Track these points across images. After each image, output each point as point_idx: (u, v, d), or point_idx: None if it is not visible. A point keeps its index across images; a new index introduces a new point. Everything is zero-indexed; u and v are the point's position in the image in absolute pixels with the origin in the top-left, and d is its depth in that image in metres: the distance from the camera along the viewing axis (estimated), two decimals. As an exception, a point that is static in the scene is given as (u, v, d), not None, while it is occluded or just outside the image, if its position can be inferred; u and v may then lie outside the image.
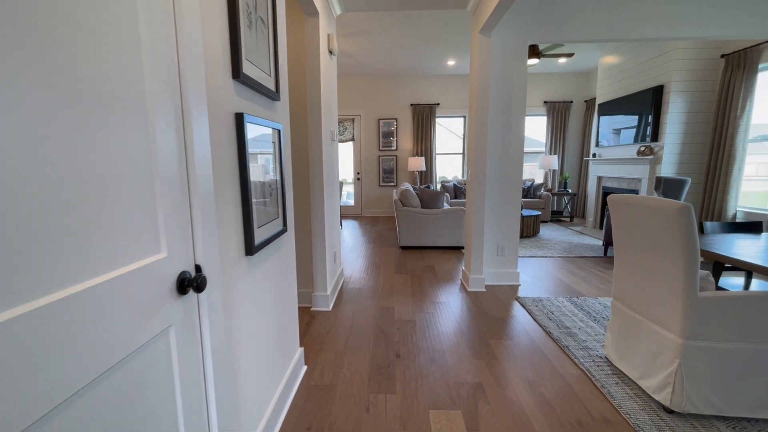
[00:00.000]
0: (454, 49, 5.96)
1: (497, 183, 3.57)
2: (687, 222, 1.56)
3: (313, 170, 2.83)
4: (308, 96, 2.73)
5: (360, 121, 8.13)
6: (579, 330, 2.61)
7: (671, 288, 1.67)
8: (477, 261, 3.45)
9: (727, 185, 4.77)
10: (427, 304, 3.13)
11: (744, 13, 3.35)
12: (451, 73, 7.72)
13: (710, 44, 4.93)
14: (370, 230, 6.55)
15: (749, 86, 4.52)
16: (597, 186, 6.77)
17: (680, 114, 5.10)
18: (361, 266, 4.28)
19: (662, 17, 3.34)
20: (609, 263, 4.43)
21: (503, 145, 3.53)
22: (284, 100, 1.72)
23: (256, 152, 1.37)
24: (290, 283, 1.88)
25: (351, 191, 8.64)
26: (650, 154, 5.37)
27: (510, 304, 3.13)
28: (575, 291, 3.45)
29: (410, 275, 3.93)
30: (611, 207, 2.04)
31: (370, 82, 7.97)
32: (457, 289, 3.52)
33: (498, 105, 3.48)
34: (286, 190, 1.78)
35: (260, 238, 1.38)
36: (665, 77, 5.14)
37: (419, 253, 4.88)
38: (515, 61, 3.43)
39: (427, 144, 8.04)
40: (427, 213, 5.02)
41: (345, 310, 2.98)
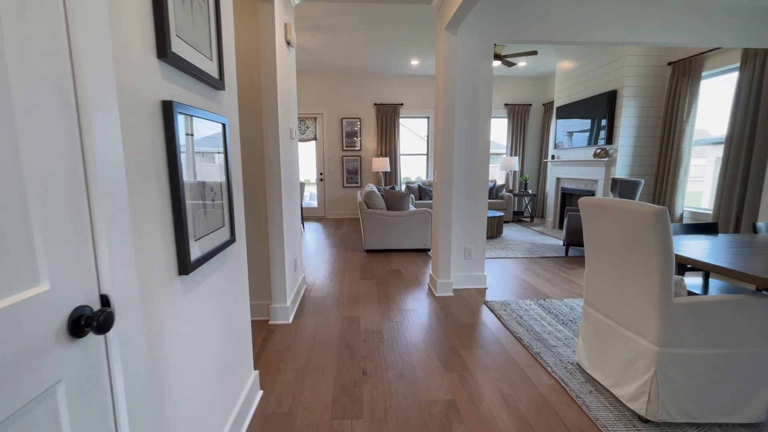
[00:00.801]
0: (417, 48, 5.88)
1: (464, 184, 3.50)
2: (663, 226, 1.51)
3: (269, 171, 2.58)
4: (263, 89, 2.48)
5: (322, 120, 7.87)
6: (549, 335, 2.57)
7: (646, 294, 1.62)
8: (445, 265, 3.35)
9: (675, 186, 5.02)
10: (395, 311, 2.98)
11: (692, 21, 3.49)
12: (415, 73, 7.66)
13: (658, 52, 5.18)
14: (334, 233, 6.32)
15: (694, 93, 4.78)
16: (556, 187, 6.95)
17: (632, 118, 5.32)
18: (325, 272, 4.06)
19: (618, 22, 3.41)
20: (571, 263, 4.51)
21: (469, 146, 3.46)
22: (231, 91, 1.50)
23: (195, 150, 1.14)
24: (241, 301, 1.65)
25: (314, 192, 8.35)
26: (606, 156, 5.56)
27: (479, 309, 3.05)
28: (541, 293, 3.44)
29: (376, 280, 3.77)
30: (582, 210, 1.99)
31: (332, 80, 7.73)
32: (424, 294, 3.40)
33: (464, 105, 3.40)
34: (235, 194, 1.55)
35: (199, 253, 1.15)
36: (618, 83, 5.33)
37: (385, 257, 4.73)
38: (481, 60, 3.37)
39: (392, 144, 7.92)
40: (393, 215, 4.88)
41: (307, 322, 2.76)
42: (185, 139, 1.07)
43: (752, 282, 1.49)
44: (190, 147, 1.11)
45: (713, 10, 3.48)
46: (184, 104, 1.05)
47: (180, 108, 1.01)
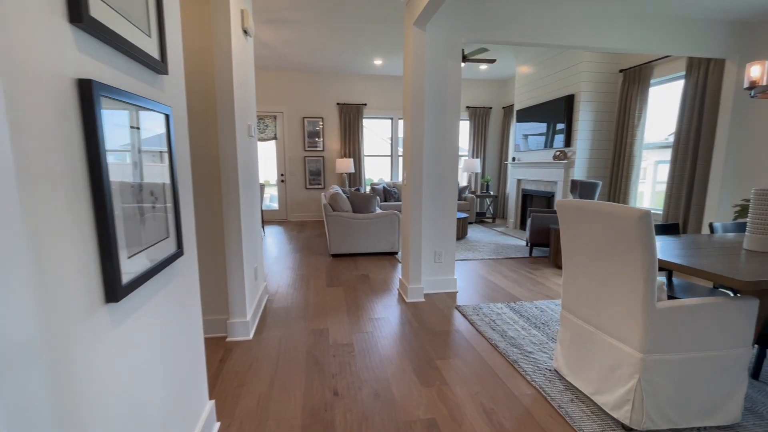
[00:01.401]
0: (381, 48, 5.75)
1: (433, 186, 3.40)
2: (647, 230, 1.47)
3: (225, 171, 2.33)
4: (217, 80, 2.23)
5: (283, 119, 7.53)
6: (523, 340, 2.51)
7: (629, 299, 1.58)
8: (415, 270, 3.23)
9: (628, 188, 5.26)
10: (365, 321, 2.81)
11: (647, 29, 3.63)
12: (379, 74, 7.54)
13: (611, 59, 5.41)
14: (297, 236, 6.04)
15: (643, 99, 5.03)
16: (517, 188, 7.10)
17: (589, 122, 5.51)
18: (288, 279, 3.81)
19: (581, 27, 3.47)
20: (536, 264, 4.56)
21: (438, 147, 3.37)
22: (177, 76, 1.26)
23: (130, 144, 0.92)
24: (192, 324, 1.41)
25: (275, 194, 7.98)
26: (564, 158, 5.73)
27: (451, 314, 2.96)
28: (511, 296, 3.41)
29: (344, 287, 3.58)
30: (560, 212, 1.93)
31: (292, 78, 7.42)
32: (395, 300, 3.26)
33: (433, 104, 3.31)
34: (182, 198, 1.32)
35: (134, 272, 0.93)
36: (575, 87, 5.51)
37: (352, 261, 4.54)
38: (449, 59, 3.29)
39: (355, 145, 7.75)
40: (360, 218, 4.70)
41: (270, 337, 2.52)
42: (115, 130, 0.84)
43: (733, 285, 1.48)
44: (122, 140, 0.88)
45: (665, 19, 3.65)
46: (111, 86, 0.83)
47: (104, 90, 0.79)
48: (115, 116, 0.86)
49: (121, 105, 0.88)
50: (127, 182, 0.90)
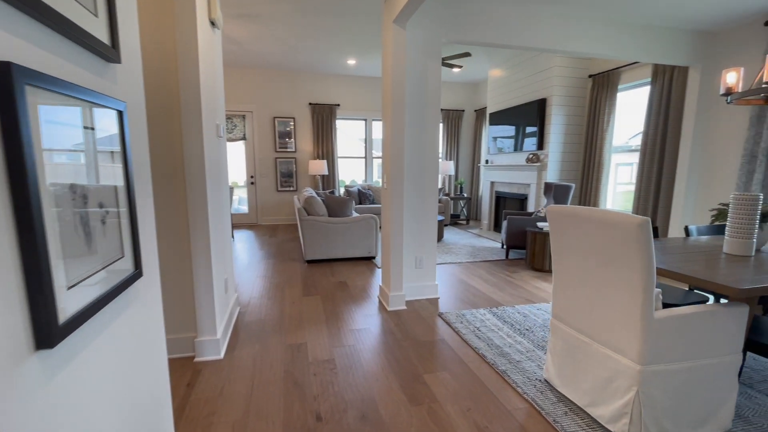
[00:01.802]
0: (355, 47, 5.61)
1: (414, 189, 3.30)
2: (647, 238, 1.42)
3: (191, 174, 2.11)
4: (182, 76, 2.01)
5: (252, 119, 7.22)
6: (510, 348, 2.45)
7: (627, 309, 1.53)
8: (397, 276, 3.11)
9: (599, 190, 5.40)
10: (346, 333, 2.65)
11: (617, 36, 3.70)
12: (352, 74, 7.39)
13: (581, 65, 5.54)
14: (269, 242, 5.77)
15: (612, 104, 5.17)
16: (490, 190, 7.16)
17: (560, 126, 5.62)
18: (261, 289, 3.58)
19: (556, 31, 3.49)
20: (513, 266, 4.57)
21: (419, 149, 3.27)
22: (132, 67, 1.07)
23: (77, 144, 0.73)
24: (154, 354, 1.22)
25: (244, 196, 7.64)
26: (537, 161, 5.81)
27: (434, 323, 2.86)
28: (492, 300, 3.37)
29: (321, 296, 3.40)
30: (551, 219, 1.87)
31: (263, 76, 7.13)
32: (375, 309, 3.12)
33: (413, 105, 3.21)
34: (141, 209, 1.13)
35: (76, 307, 0.74)
36: (547, 91, 5.60)
37: (328, 267, 4.36)
38: (429, 60, 3.21)
39: (329, 146, 7.55)
40: (336, 222, 4.54)
41: (243, 356, 2.32)
42: (52, 128, 0.66)
43: (728, 293, 1.46)
44: (62, 140, 0.70)
45: (633, 27, 3.74)
46: (41, 73, 0.64)
47: (31, 78, 0.61)
48: (52, 112, 0.67)
49: (58, 98, 0.70)
50: (67, 192, 0.72)
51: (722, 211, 2.23)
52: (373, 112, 7.81)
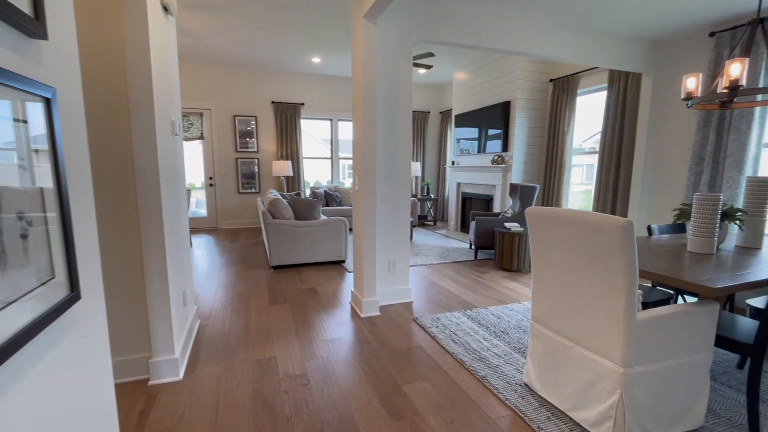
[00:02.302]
0: (320, 45, 5.44)
1: (386, 191, 3.21)
2: (630, 240, 1.41)
3: (143, 175, 1.88)
4: (129, 61, 1.79)
5: (210, 117, 6.83)
6: (487, 352, 2.42)
7: (610, 312, 1.51)
8: (370, 282, 3.00)
9: (560, 190, 5.58)
10: (318, 344, 2.51)
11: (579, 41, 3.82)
12: (317, 72, 7.19)
13: (542, 69, 5.71)
14: (231, 247, 5.45)
15: (572, 107, 5.37)
16: (456, 191, 7.23)
17: (524, 128, 5.76)
18: (224, 299, 3.34)
19: (524, 33, 3.53)
20: (483, 267, 4.60)
21: (391, 150, 3.18)
22: (63, 45, 0.89)
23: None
24: (97, 387, 1.03)
25: (202, 199, 7.21)
26: (502, 162, 5.92)
27: (410, 328, 2.78)
28: (466, 302, 3.34)
29: (290, 305, 3.22)
30: (531, 221, 1.84)
31: (221, 72, 6.76)
32: (348, 316, 2.99)
33: (384, 105, 3.12)
34: (78, 217, 0.94)
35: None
36: (511, 94, 5.72)
37: (296, 273, 4.17)
38: (400, 58, 3.13)
39: (293, 147, 7.30)
40: (303, 225, 4.35)
41: (206, 375, 2.11)
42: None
43: (703, 292, 1.48)
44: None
45: (594, 33, 3.87)
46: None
47: None
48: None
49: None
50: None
51: (684, 211, 2.32)
52: (339, 112, 7.65)
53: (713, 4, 3.32)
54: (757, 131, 3.50)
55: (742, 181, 3.57)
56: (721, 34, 3.70)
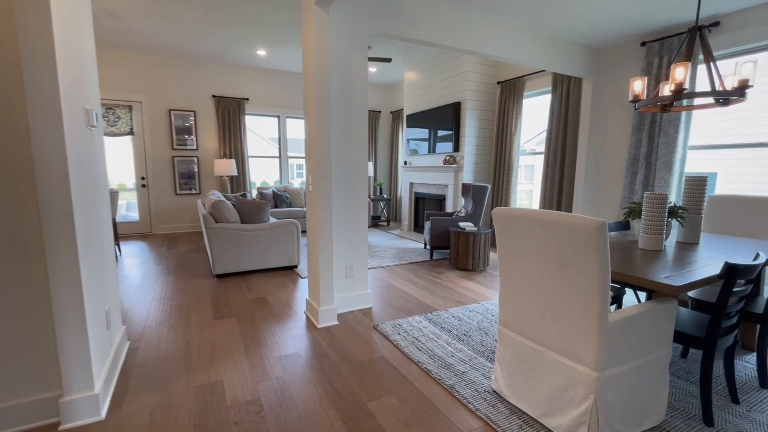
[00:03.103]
0: (266, 35, 5.10)
1: (342, 192, 3.03)
2: (603, 241, 1.38)
3: (45, 173, 1.54)
4: (22, 29, 1.44)
5: (141, 110, 6.15)
6: (452, 358, 2.33)
7: (583, 315, 1.48)
8: (327, 289, 2.80)
9: (509, 190, 5.74)
10: (271, 362, 2.26)
11: (530, 44, 3.91)
12: (263, 66, 6.78)
13: (490, 71, 5.84)
14: (168, 254, 4.93)
15: (519, 109, 5.54)
16: (409, 191, 7.21)
17: (474, 129, 5.85)
18: (159, 315, 2.95)
19: (478, 33, 3.54)
20: (439, 267, 4.58)
21: (347, 148, 3.01)
22: None
23: None
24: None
25: (134, 201, 6.49)
26: (454, 163, 5.98)
27: (371, 337, 2.62)
28: (425, 305, 3.26)
29: (237, 317, 2.91)
30: (499, 221, 1.78)
31: (153, 61, 6.12)
32: (303, 327, 2.77)
33: (339, 100, 2.93)
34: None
35: None
36: (461, 95, 5.78)
37: (243, 282, 3.83)
38: (355, 51, 2.96)
39: (238, 144, 6.82)
40: (251, 229, 4.02)
41: (135, 411, 1.79)
42: None
43: (667, 290, 1.50)
44: None
45: (542, 37, 3.99)
46: None
47: None
48: None
49: None
50: None
51: (633, 209, 2.41)
52: (287, 109, 7.29)
53: (644, 15, 3.55)
54: (683, 135, 3.81)
55: (672, 180, 3.87)
56: (651, 43, 3.98)
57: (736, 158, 4.19)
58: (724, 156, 4.52)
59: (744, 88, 2.02)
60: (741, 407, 1.90)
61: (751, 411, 1.86)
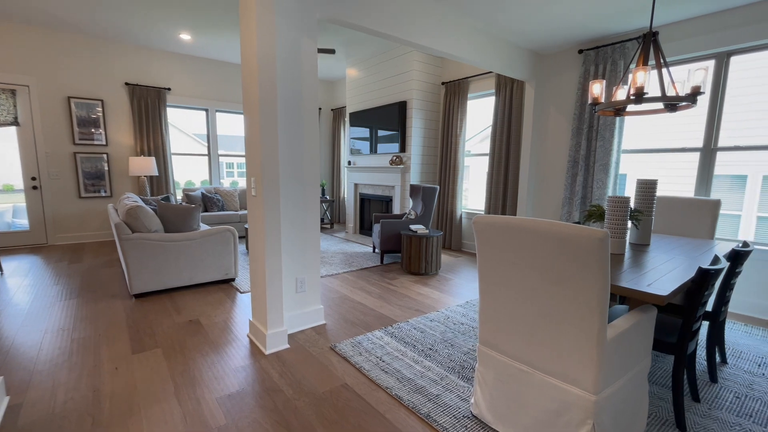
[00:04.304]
0: (189, 18, 4.48)
1: (293, 195, 2.67)
2: (606, 254, 1.25)
3: None
4: None
5: (29, 96, 5.09)
6: (423, 379, 2.13)
7: (580, 334, 1.35)
8: (275, 309, 2.43)
9: (455, 191, 5.75)
10: (211, 406, 1.86)
11: (481, 44, 3.87)
12: (188, 53, 6.04)
13: (434, 71, 5.79)
14: (70, 271, 4.09)
15: (463, 110, 5.56)
16: (354, 192, 6.95)
17: (420, 129, 5.77)
18: (55, 353, 2.33)
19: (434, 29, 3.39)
20: (391, 272, 4.38)
21: (296, 146, 2.66)
22: None
23: None
24: None
25: (22, 206, 5.37)
26: (401, 163, 5.84)
27: (330, 361, 2.32)
28: (384, 317, 3.03)
29: (163, 348, 2.41)
30: (479, 231, 1.60)
31: (48, 38, 5.09)
32: (248, 355, 2.37)
33: (287, 91, 2.57)
34: None
35: None
36: (407, 94, 5.66)
37: (169, 301, 3.26)
38: (303, 36, 2.62)
39: (158, 140, 5.99)
40: (178, 239, 3.45)
41: (12, 502, 1.30)
42: None
43: (655, 301, 1.43)
44: None
45: (494, 38, 3.98)
46: None
47: None
48: None
49: None
50: None
51: (593, 212, 2.42)
52: (217, 102, 6.59)
53: (579, 24, 3.68)
54: (618, 139, 4.04)
55: (609, 181, 4.09)
56: (587, 51, 4.18)
57: (659, 161, 4.58)
58: (650, 159, 4.93)
59: (696, 94, 2.08)
60: (702, 405, 1.95)
61: (712, 409, 1.92)
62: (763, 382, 2.18)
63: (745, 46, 3.24)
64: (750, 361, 2.43)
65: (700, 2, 3.13)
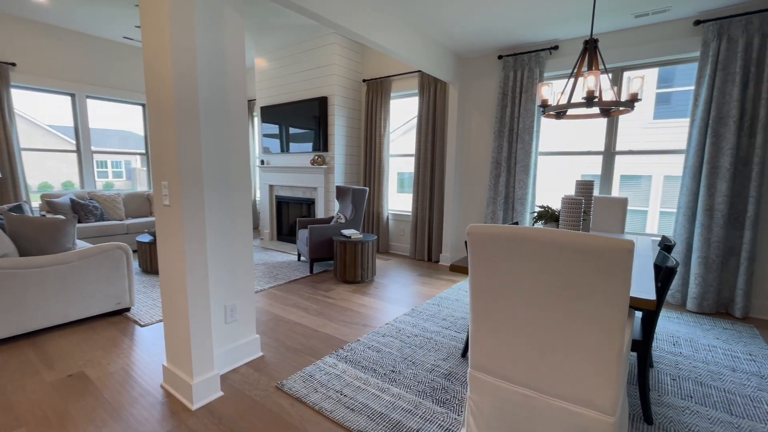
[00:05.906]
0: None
1: (215, 202, 2.14)
2: (631, 265, 1.14)
3: None
4: None
5: None
6: (396, 411, 1.86)
7: (599, 353, 1.23)
8: (203, 349, 1.90)
9: (381, 192, 5.59)
10: (120, 507, 1.30)
11: (414, 40, 3.75)
12: (43, 20, 4.73)
13: (356, 68, 5.54)
14: None
15: (387, 110, 5.43)
16: (269, 195, 6.33)
17: (343, 127, 5.47)
18: None
19: (365, 18, 3.13)
20: (324, 282, 4.00)
21: (222, 139, 2.13)
22: None
23: None
24: None
25: None
26: (323, 163, 5.47)
27: (279, 406, 1.89)
28: (330, 338, 2.68)
29: (30, 428, 1.69)
30: (474, 243, 1.39)
31: None
32: (167, 416, 1.80)
33: (205, 76, 2.04)
34: None
35: None
36: (328, 90, 5.31)
37: (32, 350, 2.38)
38: (226, 5, 2.12)
39: (0, 131, 4.57)
40: (43, 264, 2.56)
41: None
42: None
43: (648, 306, 1.40)
44: None
45: (423, 35, 3.89)
46: None
47: None
48: None
49: None
50: None
51: (542, 214, 2.44)
52: (86, 85, 5.32)
53: (497, 31, 3.83)
54: (536, 142, 4.31)
55: (529, 182, 4.35)
56: (506, 57, 4.38)
57: (569, 162, 5.09)
58: (563, 160, 5.43)
59: (634, 100, 2.22)
60: (653, 393, 2.07)
61: (662, 396, 2.05)
62: (685, 361, 2.44)
63: (635, 63, 3.70)
64: (666, 342, 2.73)
65: (601, 22, 3.47)
